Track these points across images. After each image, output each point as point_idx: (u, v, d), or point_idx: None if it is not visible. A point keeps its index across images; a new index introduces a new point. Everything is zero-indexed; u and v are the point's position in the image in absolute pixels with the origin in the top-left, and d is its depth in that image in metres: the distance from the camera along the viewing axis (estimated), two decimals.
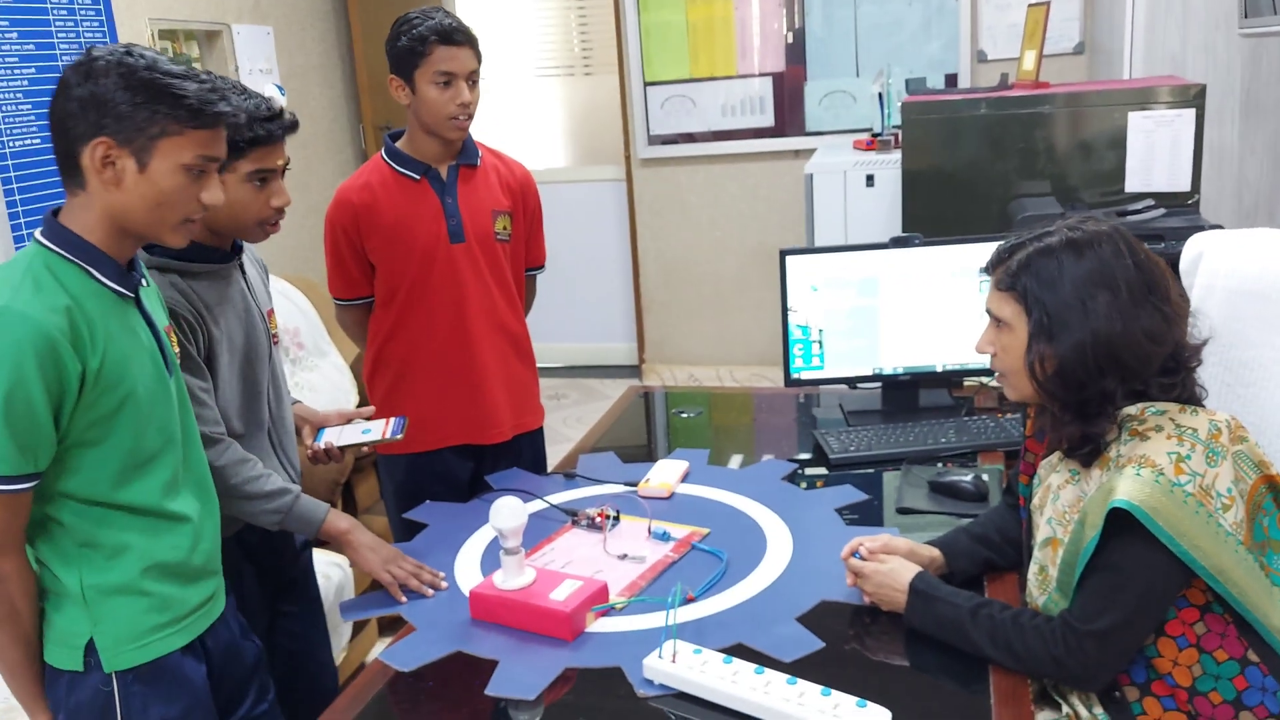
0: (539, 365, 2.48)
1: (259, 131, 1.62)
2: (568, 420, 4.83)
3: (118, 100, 1.28)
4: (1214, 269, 1.62)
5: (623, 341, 5.56)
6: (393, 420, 1.87)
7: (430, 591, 1.66)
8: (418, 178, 2.15)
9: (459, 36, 2.06)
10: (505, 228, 2.24)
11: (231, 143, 1.59)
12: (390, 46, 2.09)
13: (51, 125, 1.34)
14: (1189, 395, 1.41)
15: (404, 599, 1.65)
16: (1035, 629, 1.36)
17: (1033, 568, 1.48)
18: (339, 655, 2.55)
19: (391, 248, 2.15)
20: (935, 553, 1.60)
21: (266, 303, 1.84)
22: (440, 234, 2.15)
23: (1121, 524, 1.29)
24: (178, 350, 1.50)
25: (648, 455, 2.18)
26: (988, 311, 1.48)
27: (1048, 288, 1.38)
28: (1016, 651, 1.36)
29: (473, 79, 2.10)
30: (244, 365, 1.70)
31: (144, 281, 1.45)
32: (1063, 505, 1.43)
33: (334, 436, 1.86)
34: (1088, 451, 1.39)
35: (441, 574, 1.71)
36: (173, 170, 1.33)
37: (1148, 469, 1.29)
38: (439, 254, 2.15)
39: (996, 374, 1.51)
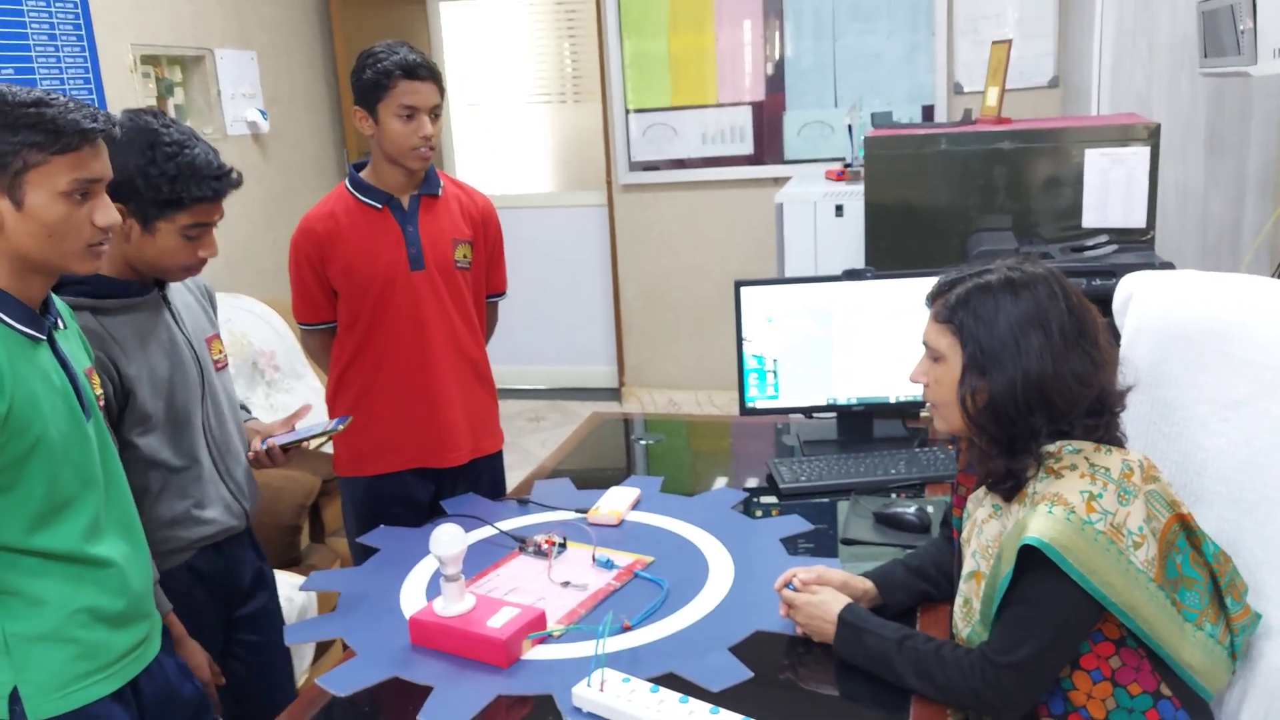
0: (520, 387, 2.53)
1: (206, 191, 1.60)
2: (546, 442, 4.85)
3: None
4: (1143, 310, 1.66)
5: (603, 365, 5.60)
6: (335, 418, 1.89)
7: None
8: (380, 207, 2.20)
9: (423, 72, 2.11)
10: (465, 256, 2.28)
11: (176, 198, 1.58)
12: (355, 79, 2.14)
13: None
14: (1111, 438, 1.44)
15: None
16: (955, 661, 1.39)
17: (958, 600, 1.51)
18: (301, 677, 2.57)
19: (353, 274, 2.20)
20: (868, 584, 1.63)
21: (206, 330, 1.83)
22: (401, 261, 2.19)
23: (1034, 560, 1.32)
24: (99, 393, 1.49)
25: (604, 482, 2.21)
26: (924, 343, 1.52)
27: (983, 324, 1.42)
28: (938, 683, 1.39)
29: (435, 113, 2.15)
30: (169, 398, 1.69)
31: (60, 324, 1.44)
32: (986, 539, 1.46)
33: (270, 440, 1.86)
34: (1010, 486, 1.43)
35: None
36: (51, 200, 1.30)
37: (1059, 507, 1.33)
38: (399, 281, 2.20)
39: (929, 405, 1.55)
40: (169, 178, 1.57)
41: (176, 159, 1.58)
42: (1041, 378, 1.38)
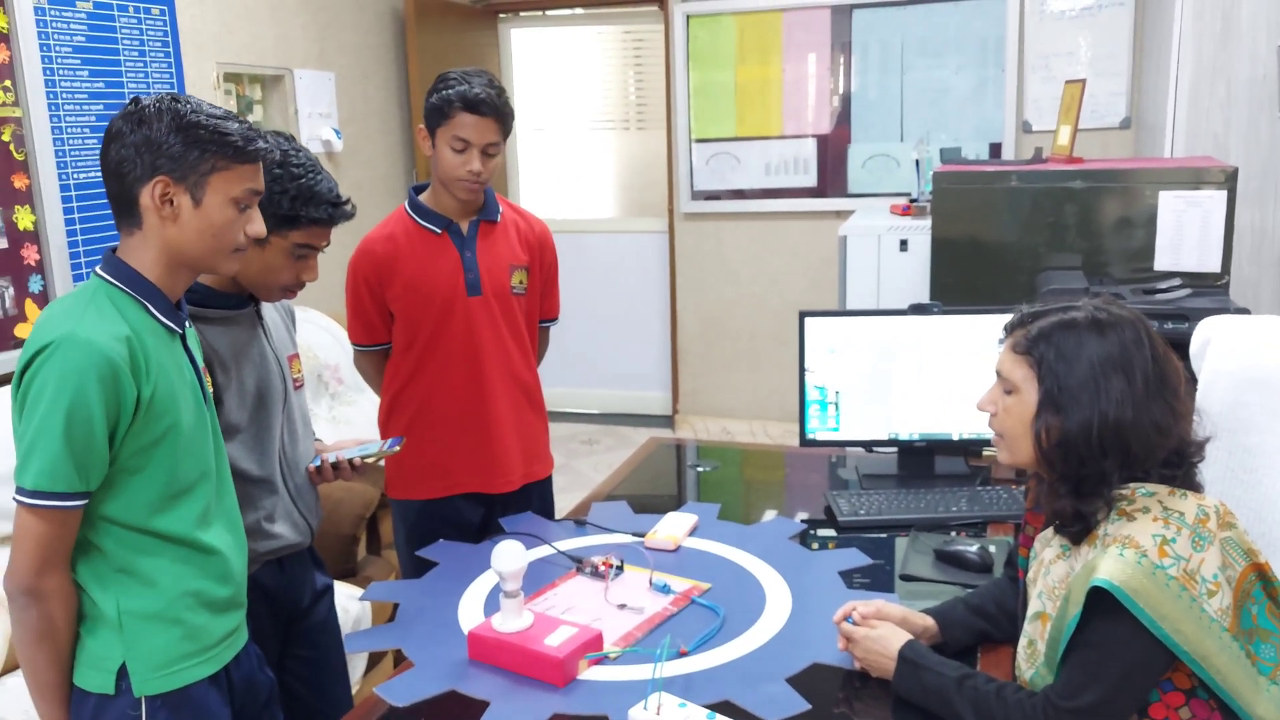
0: (574, 410, 2.52)
1: (322, 214, 1.69)
2: (598, 466, 4.87)
3: (171, 142, 1.39)
4: (1221, 354, 1.62)
5: (658, 391, 5.61)
6: (390, 438, 1.92)
7: None
8: (439, 231, 2.22)
9: (484, 109, 2.10)
10: (521, 281, 2.30)
11: (293, 215, 1.67)
12: (426, 98, 2.17)
13: (105, 171, 1.43)
14: (1189, 485, 1.41)
15: None
16: (1018, 703, 1.36)
17: (1022, 641, 1.49)
18: (352, 687, 2.59)
19: (411, 298, 2.21)
20: (929, 621, 1.61)
21: (289, 348, 1.87)
22: (458, 286, 2.21)
23: (1103, 603, 1.29)
24: (210, 390, 1.57)
25: (661, 507, 2.21)
26: (998, 372, 1.49)
27: (1064, 361, 1.39)
28: None
29: (490, 150, 2.14)
30: (255, 411, 1.73)
31: (188, 322, 1.53)
32: (1053, 580, 1.44)
33: (333, 455, 1.89)
34: (1078, 529, 1.41)
35: None
36: (224, 204, 1.43)
37: (1131, 550, 1.30)
38: (456, 306, 2.21)
39: (993, 435, 1.52)
40: (290, 196, 1.66)
41: (300, 180, 1.66)
42: (1119, 423, 1.35)
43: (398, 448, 1.88)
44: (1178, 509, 1.34)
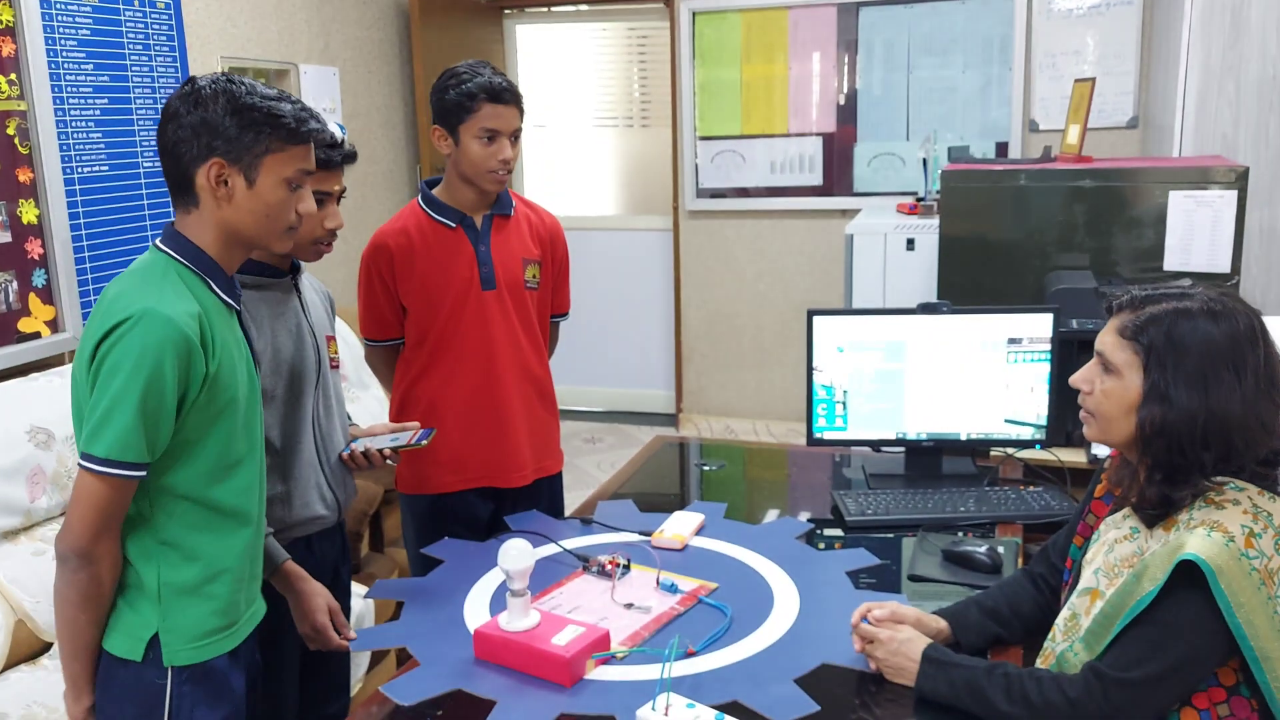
0: (577, 407, 2.51)
1: (321, 155, 1.72)
2: (601, 464, 4.86)
3: (226, 124, 1.43)
4: None
5: (661, 389, 5.60)
6: (421, 430, 1.92)
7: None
8: (453, 226, 2.21)
9: (507, 96, 2.12)
10: (534, 276, 2.29)
11: None
12: (436, 98, 2.16)
13: (162, 151, 1.46)
14: (1274, 488, 1.40)
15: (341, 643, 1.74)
16: (1053, 678, 1.37)
17: (1064, 613, 1.47)
18: (355, 685, 2.58)
19: (425, 292, 2.20)
20: (942, 624, 1.60)
21: (326, 329, 1.91)
22: (472, 280, 2.20)
23: (1184, 580, 1.29)
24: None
25: (667, 506, 2.20)
26: (1098, 351, 1.46)
27: (1174, 351, 1.36)
28: (1032, 701, 1.36)
29: (515, 136, 2.16)
30: (290, 381, 1.77)
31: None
32: (1114, 559, 1.42)
33: (365, 443, 1.90)
34: (1158, 514, 1.39)
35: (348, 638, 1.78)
36: (276, 184, 1.47)
37: (1219, 533, 1.30)
38: (470, 300, 2.20)
39: (1082, 411, 1.50)
40: None
41: None
42: (1225, 418, 1.33)
43: (426, 441, 1.88)
44: (1267, 509, 1.34)
